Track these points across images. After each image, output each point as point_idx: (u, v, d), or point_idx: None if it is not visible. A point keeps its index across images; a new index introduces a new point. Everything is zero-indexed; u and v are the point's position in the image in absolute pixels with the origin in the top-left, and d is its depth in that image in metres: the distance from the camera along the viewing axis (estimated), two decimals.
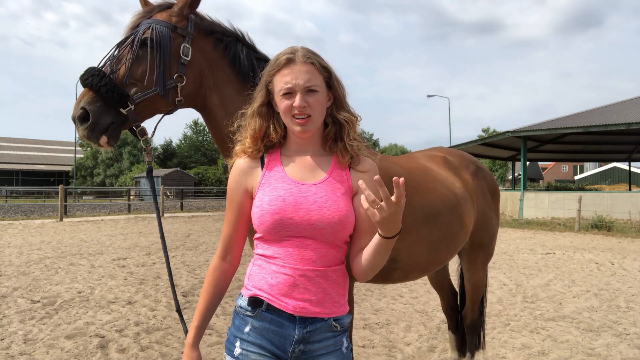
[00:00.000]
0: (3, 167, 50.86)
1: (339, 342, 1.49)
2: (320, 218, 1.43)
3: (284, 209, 1.43)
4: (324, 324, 1.45)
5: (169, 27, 1.96)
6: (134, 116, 1.92)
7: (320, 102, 1.49)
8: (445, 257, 2.62)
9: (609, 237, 13.89)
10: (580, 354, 4.17)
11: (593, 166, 59.34)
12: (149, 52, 1.91)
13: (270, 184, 1.49)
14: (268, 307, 1.43)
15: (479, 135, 49.58)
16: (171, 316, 5.14)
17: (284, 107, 1.47)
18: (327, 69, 1.52)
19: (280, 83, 1.48)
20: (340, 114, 1.55)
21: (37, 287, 6.43)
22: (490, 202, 2.99)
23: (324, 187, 1.49)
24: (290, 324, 1.42)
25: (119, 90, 1.86)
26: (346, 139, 1.55)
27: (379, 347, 4.29)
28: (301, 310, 1.42)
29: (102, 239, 11.81)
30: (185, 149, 59.74)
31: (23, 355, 3.94)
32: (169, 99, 1.97)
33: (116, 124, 1.91)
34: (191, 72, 2.00)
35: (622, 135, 22.60)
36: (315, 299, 1.43)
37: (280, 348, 1.43)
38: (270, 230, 1.44)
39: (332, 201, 1.46)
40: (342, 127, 1.56)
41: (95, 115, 1.86)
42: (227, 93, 2.04)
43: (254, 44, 2.15)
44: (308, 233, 1.44)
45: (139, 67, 1.93)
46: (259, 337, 1.44)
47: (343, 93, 1.57)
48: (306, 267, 1.43)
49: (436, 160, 2.88)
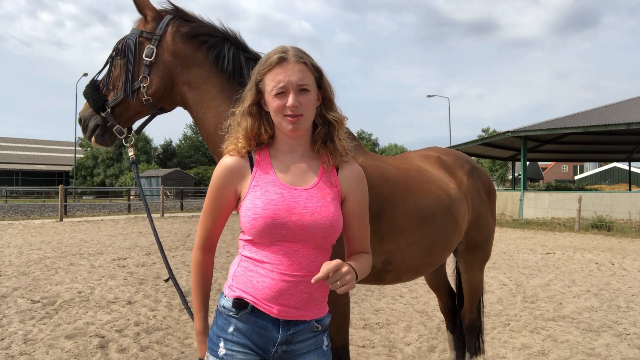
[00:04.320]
0: (3, 167, 50.83)
1: (320, 341, 1.53)
2: (313, 222, 1.45)
3: (277, 213, 1.43)
4: (306, 325, 1.49)
5: (135, 33, 2.13)
6: (112, 118, 2.17)
7: (312, 101, 1.49)
8: (439, 258, 2.61)
9: (609, 237, 13.89)
10: (580, 354, 4.17)
11: (593, 166, 59.34)
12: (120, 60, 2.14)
13: (261, 186, 1.48)
14: (253, 310, 1.44)
15: (479, 135, 49.54)
16: (171, 316, 5.14)
17: (276, 106, 1.46)
18: (317, 69, 1.52)
19: (272, 82, 1.46)
20: (330, 114, 1.56)
21: (37, 287, 6.44)
22: (485, 202, 2.97)
23: (314, 192, 1.50)
24: (274, 326, 1.45)
25: (95, 97, 2.15)
26: (336, 139, 1.56)
27: (379, 347, 4.30)
28: (285, 314, 1.44)
29: (102, 239, 11.82)
30: (185, 149, 59.70)
31: (23, 355, 3.94)
32: (135, 100, 2.13)
33: (101, 126, 2.19)
34: (156, 71, 2.10)
35: (622, 135, 22.62)
36: (300, 304, 1.46)
37: (263, 349, 1.46)
38: (261, 234, 1.44)
39: (324, 206, 1.48)
40: (332, 127, 1.56)
41: (85, 120, 2.21)
42: (208, 90, 2.08)
43: (244, 44, 2.16)
44: (300, 238, 1.45)
45: (115, 75, 2.16)
46: (243, 338, 1.45)
47: (332, 93, 1.57)
48: (295, 273, 1.44)
49: (430, 160, 2.86)
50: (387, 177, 2.30)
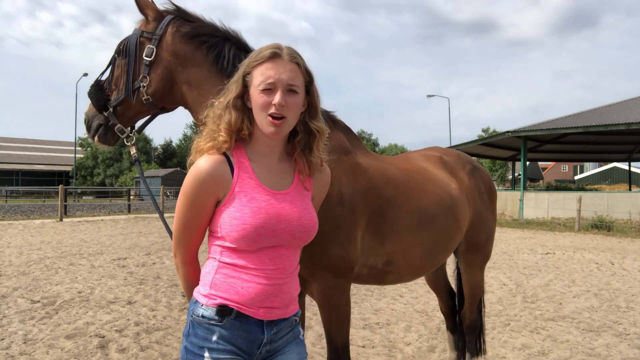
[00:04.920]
0: (3, 167, 50.81)
1: (297, 332, 1.57)
2: (299, 227, 1.46)
3: (267, 221, 1.40)
4: (286, 322, 1.51)
5: (137, 33, 2.15)
6: (114, 118, 2.19)
7: (298, 105, 1.44)
8: (440, 259, 2.60)
9: (609, 237, 13.89)
10: (580, 354, 4.17)
11: (593, 166, 59.33)
12: (122, 60, 2.17)
13: (246, 193, 1.42)
14: (237, 315, 1.41)
15: (478, 135, 49.55)
16: (171, 316, 5.14)
17: (261, 102, 1.39)
18: (309, 73, 1.48)
19: (261, 76, 1.40)
20: (313, 123, 1.50)
21: (37, 287, 6.43)
22: (486, 202, 2.97)
23: (295, 195, 1.49)
24: (259, 328, 1.44)
25: (98, 97, 2.18)
26: (315, 150, 1.52)
27: (379, 347, 4.29)
28: (270, 315, 1.45)
29: (102, 239, 11.81)
30: (185, 149, 59.58)
31: (23, 355, 3.94)
32: (135, 100, 2.15)
33: (104, 125, 2.22)
34: (155, 71, 2.11)
35: (622, 135, 22.62)
36: (283, 304, 1.47)
37: (248, 352, 1.44)
38: (249, 242, 1.39)
39: (306, 210, 1.50)
40: (312, 137, 1.51)
41: (89, 120, 2.25)
42: (208, 89, 2.08)
43: (246, 44, 2.17)
44: (286, 242, 1.45)
45: (117, 75, 2.19)
46: (228, 344, 1.41)
47: (319, 102, 1.52)
48: (280, 276, 1.45)
49: (432, 160, 2.85)
50: (389, 177, 2.30)
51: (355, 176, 2.13)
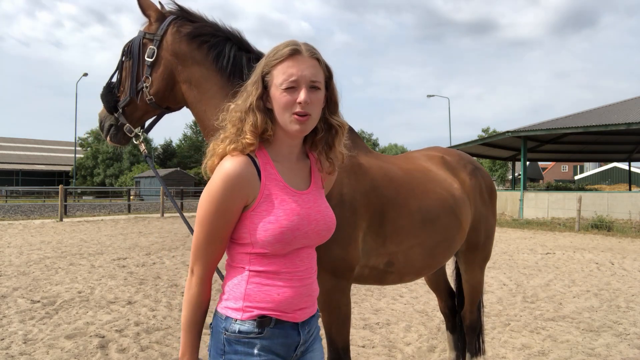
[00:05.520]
0: (3, 167, 50.81)
1: (318, 326, 1.57)
2: (325, 226, 1.46)
3: (300, 222, 1.37)
4: (314, 318, 1.52)
5: (140, 35, 2.18)
6: (123, 118, 2.24)
7: (321, 101, 1.41)
8: (441, 260, 2.59)
9: (609, 237, 13.89)
10: (580, 354, 4.17)
11: (593, 166, 59.34)
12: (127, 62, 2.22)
13: (276, 195, 1.37)
14: (276, 323, 1.38)
15: (478, 135, 49.56)
16: (171, 316, 5.14)
17: (285, 101, 1.34)
18: (329, 68, 1.45)
19: (282, 75, 1.35)
20: (334, 118, 1.47)
21: (37, 287, 6.44)
22: (487, 202, 2.97)
23: (315, 194, 1.49)
24: (294, 331, 1.42)
25: (108, 99, 2.24)
26: (337, 145, 1.50)
27: (379, 347, 4.29)
28: (304, 316, 1.45)
29: (102, 239, 11.82)
30: (185, 149, 59.67)
31: (23, 355, 3.94)
32: (140, 100, 2.19)
33: (115, 126, 2.28)
34: (156, 71, 2.15)
35: (622, 135, 22.61)
36: (312, 302, 1.48)
37: (285, 356, 1.42)
38: (284, 245, 1.35)
39: (327, 209, 1.50)
40: (334, 132, 1.48)
41: (102, 121, 2.33)
42: (208, 88, 2.09)
43: (247, 43, 2.17)
44: (314, 242, 1.45)
45: (124, 76, 2.24)
46: (269, 354, 1.37)
47: (338, 97, 1.50)
48: (309, 275, 1.46)
49: (434, 160, 2.85)
50: (391, 177, 2.29)
51: (356, 176, 2.12)
